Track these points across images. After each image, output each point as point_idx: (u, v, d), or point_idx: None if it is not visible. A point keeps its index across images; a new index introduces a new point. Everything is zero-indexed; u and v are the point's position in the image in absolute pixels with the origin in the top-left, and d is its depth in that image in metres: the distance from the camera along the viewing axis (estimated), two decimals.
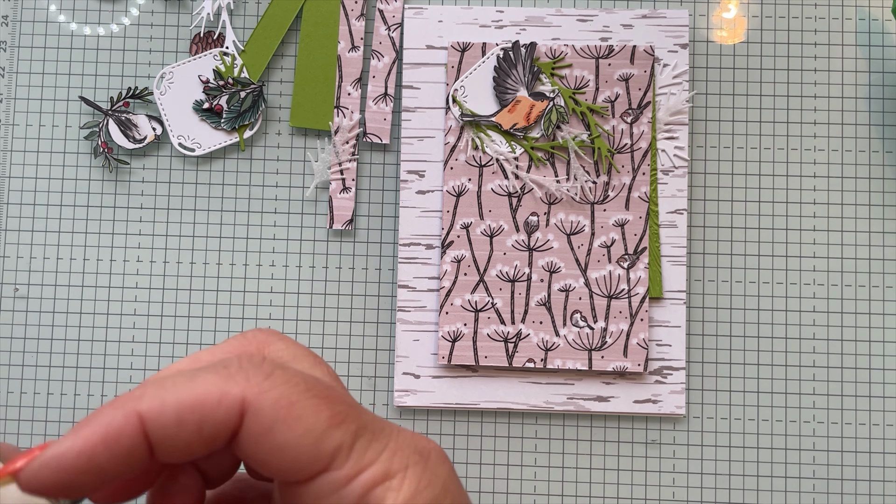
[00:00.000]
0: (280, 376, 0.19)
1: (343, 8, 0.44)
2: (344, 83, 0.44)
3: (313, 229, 0.44)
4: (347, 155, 0.43)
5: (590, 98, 0.42)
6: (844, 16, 0.44)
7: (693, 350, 0.43)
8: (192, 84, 0.44)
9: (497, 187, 0.42)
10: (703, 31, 0.44)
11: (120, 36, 0.45)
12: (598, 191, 0.42)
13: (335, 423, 0.19)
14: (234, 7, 0.45)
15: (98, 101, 0.44)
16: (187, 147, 0.44)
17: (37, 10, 0.45)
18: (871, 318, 0.43)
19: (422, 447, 0.21)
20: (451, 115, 0.43)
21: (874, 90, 0.44)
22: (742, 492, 0.42)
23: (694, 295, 0.43)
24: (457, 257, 0.42)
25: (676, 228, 0.42)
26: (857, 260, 0.43)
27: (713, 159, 0.44)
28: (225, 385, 0.19)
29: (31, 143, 0.44)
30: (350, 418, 0.20)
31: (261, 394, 0.19)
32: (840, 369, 0.42)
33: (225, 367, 0.19)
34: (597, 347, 0.41)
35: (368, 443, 0.20)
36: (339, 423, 0.19)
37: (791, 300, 0.43)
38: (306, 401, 0.19)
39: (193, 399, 0.18)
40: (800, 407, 0.42)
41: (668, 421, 0.42)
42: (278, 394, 0.19)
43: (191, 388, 0.19)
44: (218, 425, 0.19)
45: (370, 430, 0.20)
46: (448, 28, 0.43)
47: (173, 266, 0.44)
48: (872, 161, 0.43)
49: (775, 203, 0.43)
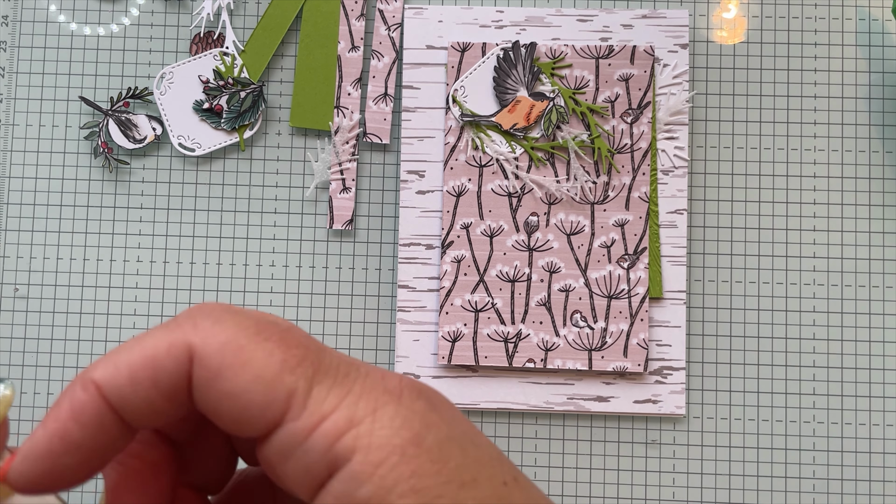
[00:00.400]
0: (229, 320, 0.18)
1: (343, 8, 0.44)
2: (344, 83, 0.44)
3: (313, 229, 0.44)
4: (347, 155, 0.43)
5: (590, 98, 0.42)
6: (844, 16, 0.44)
7: (693, 350, 0.43)
8: (192, 84, 0.44)
9: (497, 187, 0.42)
10: (703, 31, 0.44)
11: (120, 36, 0.45)
12: (598, 191, 0.42)
13: (288, 368, 0.18)
14: (234, 7, 0.45)
15: (98, 101, 0.44)
16: (187, 147, 0.44)
17: (37, 10, 0.45)
18: (871, 318, 0.43)
19: (391, 386, 0.19)
20: (451, 115, 0.43)
21: (874, 90, 0.44)
22: (742, 492, 0.42)
23: (694, 295, 0.43)
24: (457, 257, 0.42)
25: (676, 228, 0.42)
26: (857, 260, 0.43)
27: (713, 159, 0.44)
28: (172, 335, 0.18)
29: (31, 143, 0.44)
30: (306, 361, 0.18)
31: (207, 338, 0.18)
32: (840, 369, 0.42)
33: (174, 320, 0.19)
34: (597, 347, 0.41)
35: (328, 388, 0.18)
36: (292, 368, 0.18)
37: (791, 300, 0.43)
38: (256, 344, 0.18)
39: (143, 356, 0.18)
40: (800, 407, 0.42)
41: (668, 421, 0.42)
42: (226, 337, 0.18)
43: (140, 346, 0.18)
44: (172, 377, 0.18)
45: (331, 374, 0.18)
46: (448, 28, 0.43)
47: (173, 266, 0.44)
48: (872, 161, 0.43)
49: (775, 203, 0.43)
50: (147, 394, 0.18)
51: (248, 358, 0.18)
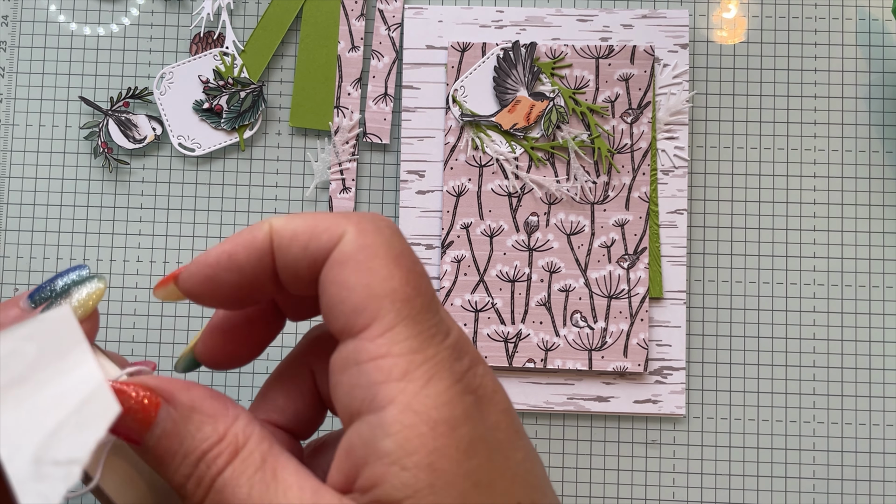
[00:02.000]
0: (385, 234, 0.21)
1: (343, 8, 0.44)
2: (344, 83, 0.44)
3: None
4: (347, 155, 0.43)
5: (590, 98, 0.42)
6: (845, 16, 0.44)
7: (693, 350, 0.43)
8: (192, 84, 0.44)
9: (497, 187, 0.42)
10: (703, 31, 0.44)
11: (120, 36, 0.45)
12: (598, 191, 0.42)
13: (392, 296, 0.20)
14: (234, 7, 0.45)
15: (98, 101, 0.44)
16: (187, 147, 0.44)
17: (37, 10, 0.45)
18: (871, 318, 0.43)
19: (458, 368, 0.20)
20: (451, 115, 0.43)
21: (874, 90, 0.44)
22: (742, 492, 0.42)
23: (694, 295, 0.43)
24: (457, 257, 0.42)
25: (676, 228, 0.42)
26: (857, 260, 0.43)
27: (713, 159, 0.44)
28: (336, 222, 0.21)
29: (30, 143, 0.44)
30: (410, 303, 0.20)
31: (359, 234, 0.20)
32: (840, 369, 0.42)
33: (347, 213, 0.21)
34: (597, 347, 0.41)
35: (409, 335, 0.20)
36: (394, 299, 0.20)
37: (791, 300, 0.43)
38: (387, 262, 0.20)
39: (309, 224, 0.21)
40: (800, 407, 0.42)
41: (668, 421, 0.42)
42: (372, 242, 0.20)
43: (311, 218, 0.21)
44: (320, 248, 0.21)
45: (420, 326, 0.20)
46: (448, 28, 0.43)
47: (173, 266, 0.44)
48: (872, 161, 0.43)
49: (775, 203, 0.43)
50: (298, 252, 0.21)
51: (372, 267, 0.20)
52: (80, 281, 0.24)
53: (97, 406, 0.20)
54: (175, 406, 0.21)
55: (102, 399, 0.21)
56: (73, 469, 0.19)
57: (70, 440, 0.19)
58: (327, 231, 0.21)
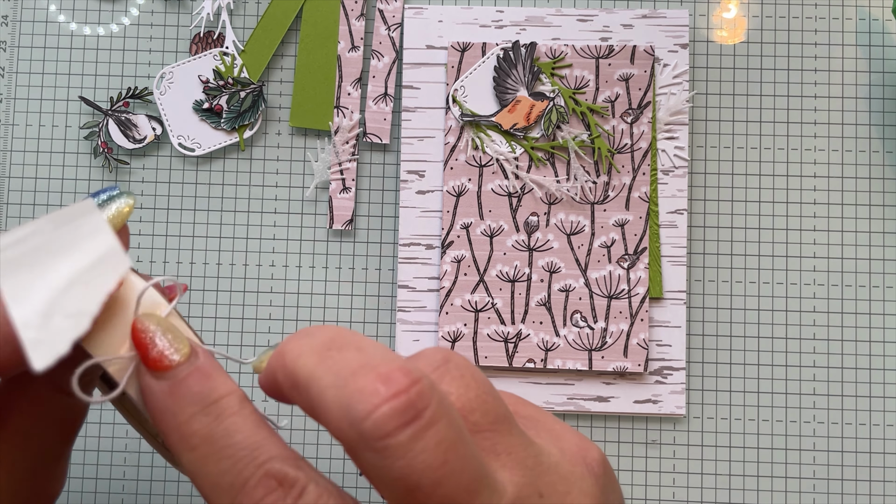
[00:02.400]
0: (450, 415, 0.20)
1: (343, 8, 0.44)
2: (344, 83, 0.44)
3: (313, 229, 0.44)
4: (347, 155, 0.43)
5: (590, 98, 0.42)
6: (845, 16, 0.44)
7: (693, 350, 0.43)
8: (192, 84, 0.44)
9: (497, 187, 0.42)
10: (704, 31, 0.44)
11: (120, 36, 0.45)
12: (598, 191, 0.42)
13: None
14: (234, 7, 0.45)
15: (98, 101, 0.44)
16: (187, 147, 0.44)
17: (36, 10, 0.45)
18: (871, 318, 0.42)
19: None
20: (451, 115, 0.43)
21: (874, 90, 0.44)
22: (742, 492, 0.42)
23: (694, 295, 0.43)
24: (457, 257, 0.42)
25: (677, 228, 0.42)
26: (857, 260, 0.43)
27: (713, 159, 0.43)
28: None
29: (30, 143, 0.44)
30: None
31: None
32: (840, 369, 0.42)
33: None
34: (597, 348, 0.41)
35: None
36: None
37: (791, 300, 0.43)
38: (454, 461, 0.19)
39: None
40: (800, 407, 0.42)
41: (669, 421, 0.42)
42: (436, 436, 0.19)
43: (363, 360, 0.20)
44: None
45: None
46: (448, 28, 0.43)
47: (173, 266, 0.44)
48: (873, 161, 0.43)
49: (775, 203, 0.43)
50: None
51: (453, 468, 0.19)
52: (110, 199, 0.24)
53: (109, 263, 0.21)
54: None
55: (114, 257, 0.21)
56: (83, 320, 0.19)
57: (80, 294, 0.20)
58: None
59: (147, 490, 0.42)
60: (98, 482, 0.42)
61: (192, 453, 0.20)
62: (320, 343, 0.21)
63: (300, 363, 0.20)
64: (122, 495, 0.42)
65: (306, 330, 0.22)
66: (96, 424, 0.43)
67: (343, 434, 0.19)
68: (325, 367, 0.20)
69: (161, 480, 0.42)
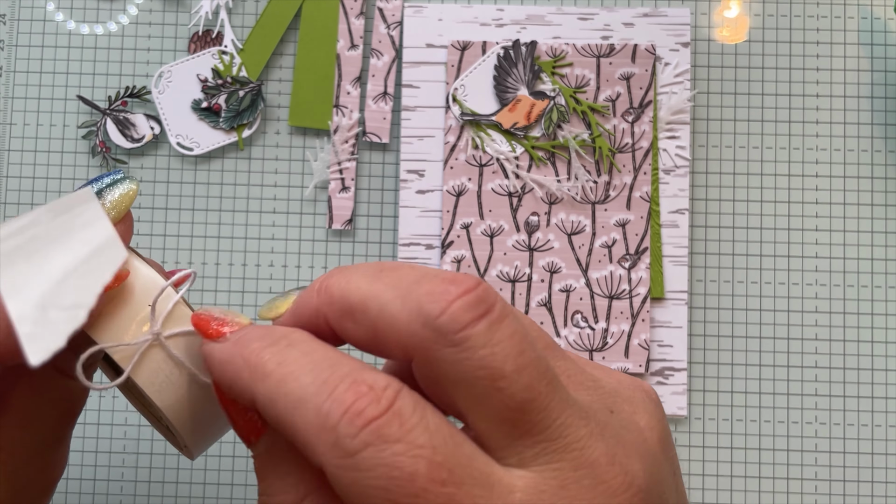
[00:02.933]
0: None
1: (342, 6, 0.44)
2: (343, 82, 0.43)
3: (313, 229, 0.44)
4: (347, 154, 0.43)
5: (591, 97, 0.42)
6: (847, 15, 0.44)
7: (695, 351, 0.42)
8: (191, 83, 0.44)
9: (497, 187, 0.42)
10: (705, 30, 0.44)
11: (118, 35, 0.45)
12: (599, 190, 0.42)
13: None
14: (233, 6, 0.44)
15: (96, 100, 0.44)
16: (185, 146, 0.43)
17: (34, 9, 0.45)
18: (873, 318, 0.42)
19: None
20: (451, 114, 0.42)
21: (876, 89, 0.43)
22: (744, 493, 0.42)
23: (696, 295, 0.43)
24: (457, 257, 0.42)
25: (678, 228, 0.42)
26: (859, 260, 0.43)
27: (715, 159, 0.43)
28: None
29: (28, 142, 0.44)
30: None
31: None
32: (842, 370, 0.42)
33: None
34: (598, 348, 0.41)
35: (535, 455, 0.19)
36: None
37: (793, 300, 0.43)
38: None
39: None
40: (802, 408, 0.42)
41: (670, 422, 0.42)
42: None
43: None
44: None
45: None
46: (448, 26, 0.43)
47: (173, 266, 0.44)
48: (875, 161, 0.43)
49: (777, 203, 0.43)
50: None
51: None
52: (113, 184, 0.24)
53: (106, 254, 0.20)
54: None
55: (111, 247, 0.20)
56: (79, 313, 0.19)
57: (77, 286, 0.19)
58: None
59: (146, 491, 0.42)
60: (97, 481, 0.42)
61: (267, 381, 0.19)
62: (369, 269, 0.21)
63: (352, 287, 0.20)
64: (122, 496, 0.42)
65: (340, 268, 0.21)
66: (95, 425, 0.42)
67: (416, 338, 0.19)
68: (384, 284, 0.20)
69: (160, 481, 0.42)
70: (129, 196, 0.23)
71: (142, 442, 0.42)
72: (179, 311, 0.23)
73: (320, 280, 0.21)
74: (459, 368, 0.19)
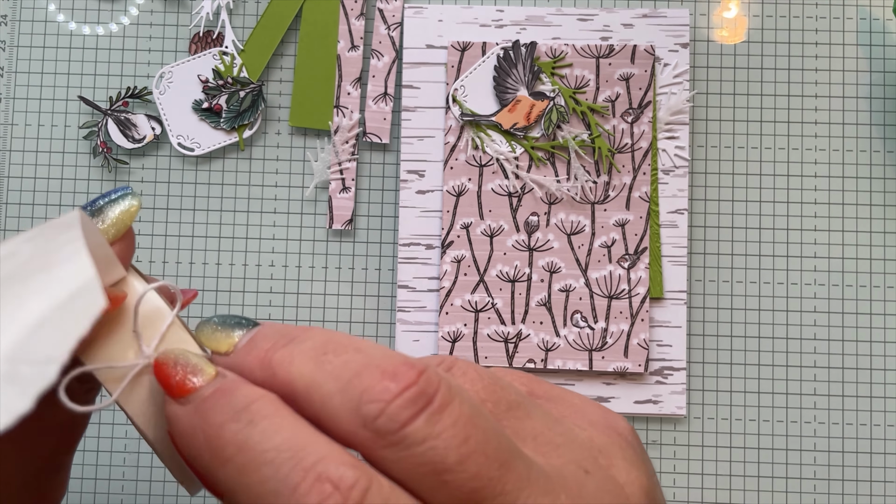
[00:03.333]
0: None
1: (343, 7, 0.44)
2: (343, 83, 0.44)
3: (313, 229, 0.44)
4: (347, 155, 0.43)
5: (590, 97, 0.42)
6: (846, 15, 0.44)
7: (694, 350, 0.42)
8: (192, 84, 0.44)
9: (497, 187, 0.42)
10: (704, 31, 0.44)
11: (119, 35, 0.45)
12: (598, 191, 0.42)
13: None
14: (234, 6, 0.45)
15: (97, 100, 0.44)
16: (186, 147, 0.44)
17: (36, 10, 0.45)
18: (872, 318, 0.42)
19: None
20: (451, 114, 0.42)
21: (875, 90, 0.44)
22: (742, 492, 0.42)
23: (695, 295, 0.43)
24: (457, 257, 0.42)
25: (677, 228, 0.42)
26: (857, 260, 0.43)
27: (714, 159, 0.43)
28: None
29: (29, 142, 0.44)
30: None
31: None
32: (841, 370, 0.42)
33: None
34: (597, 348, 0.41)
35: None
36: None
37: (792, 300, 0.43)
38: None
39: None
40: (801, 407, 0.42)
41: (669, 421, 0.42)
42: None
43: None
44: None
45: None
46: (448, 27, 0.43)
47: (173, 266, 0.44)
48: (874, 161, 0.43)
49: (776, 203, 0.43)
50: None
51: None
52: (115, 200, 0.22)
53: (84, 301, 0.18)
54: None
55: (90, 294, 0.19)
56: (49, 369, 0.17)
57: (50, 337, 0.18)
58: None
59: (147, 490, 0.42)
60: (98, 482, 0.42)
61: (227, 467, 0.18)
62: (313, 348, 0.19)
63: (295, 371, 0.19)
64: (122, 495, 0.42)
65: (288, 333, 0.20)
66: (95, 425, 0.42)
67: (356, 437, 0.18)
68: (326, 373, 0.19)
69: (160, 481, 0.42)
70: (130, 213, 0.22)
71: (142, 455, 0.42)
72: (175, 335, 0.21)
73: (264, 351, 0.20)
74: (402, 466, 0.18)
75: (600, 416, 0.22)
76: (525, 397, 0.21)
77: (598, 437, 0.21)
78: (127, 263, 0.22)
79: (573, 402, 0.22)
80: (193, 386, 0.19)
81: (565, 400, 0.22)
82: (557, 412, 0.21)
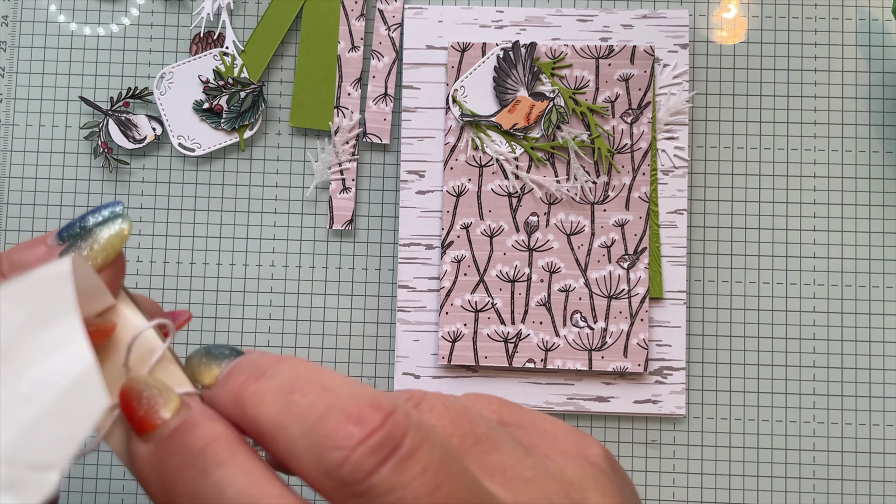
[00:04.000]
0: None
1: (343, 8, 0.44)
2: (344, 83, 0.44)
3: (313, 229, 0.44)
4: (347, 155, 0.43)
5: (590, 98, 0.42)
6: (845, 16, 0.44)
7: (693, 350, 0.43)
8: (192, 84, 0.44)
9: (497, 187, 0.42)
10: (703, 32, 0.44)
11: (120, 36, 0.45)
12: (598, 191, 0.42)
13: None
14: (234, 7, 0.45)
15: (98, 101, 0.44)
16: (187, 147, 0.44)
17: (37, 10, 0.45)
18: (871, 318, 0.42)
19: None
20: (452, 115, 0.43)
21: (874, 90, 0.44)
22: (742, 492, 0.42)
23: (694, 295, 0.43)
24: (457, 257, 0.42)
25: (676, 228, 0.42)
26: (857, 260, 0.43)
27: (713, 159, 0.44)
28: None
29: (30, 143, 0.44)
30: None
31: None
32: (840, 369, 0.42)
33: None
34: (597, 348, 0.41)
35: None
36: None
37: (791, 300, 0.43)
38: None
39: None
40: (800, 407, 0.42)
41: (668, 421, 0.42)
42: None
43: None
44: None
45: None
46: (448, 28, 0.43)
47: (173, 266, 0.44)
48: (872, 161, 0.43)
49: (775, 203, 0.43)
50: None
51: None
52: (110, 219, 0.22)
53: (83, 396, 0.18)
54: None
55: (90, 388, 0.18)
56: (50, 478, 0.16)
57: (49, 438, 0.17)
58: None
59: None
60: (98, 482, 0.42)
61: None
62: (281, 386, 0.19)
63: (262, 411, 0.18)
64: (122, 495, 0.42)
65: (261, 364, 0.20)
66: None
67: (321, 485, 0.17)
68: (291, 415, 0.18)
69: None
70: (121, 237, 0.21)
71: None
72: (166, 369, 0.20)
73: (237, 385, 0.19)
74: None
75: (572, 443, 0.21)
76: (494, 428, 0.20)
77: (570, 469, 0.20)
78: (116, 289, 0.21)
79: (544, 429, 0.21)
80: (154, 423, 0.19)
81: (536, 426, 0.22)
82: (528, 440, 0.21)
